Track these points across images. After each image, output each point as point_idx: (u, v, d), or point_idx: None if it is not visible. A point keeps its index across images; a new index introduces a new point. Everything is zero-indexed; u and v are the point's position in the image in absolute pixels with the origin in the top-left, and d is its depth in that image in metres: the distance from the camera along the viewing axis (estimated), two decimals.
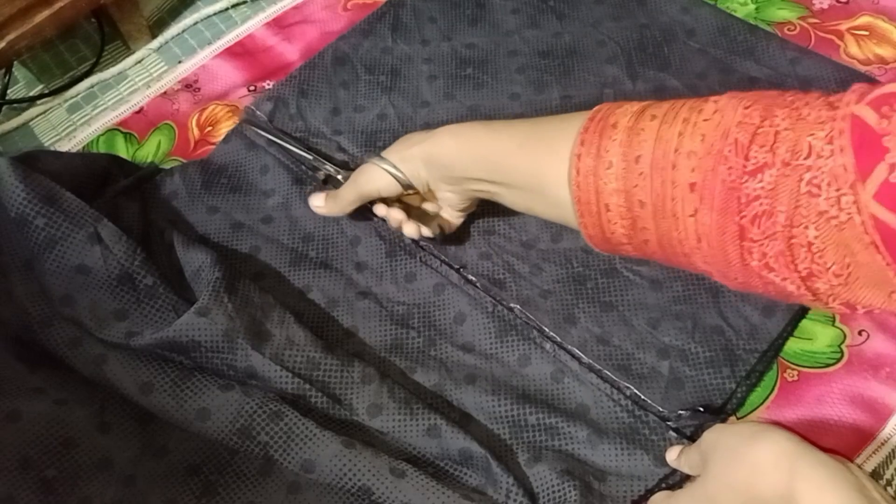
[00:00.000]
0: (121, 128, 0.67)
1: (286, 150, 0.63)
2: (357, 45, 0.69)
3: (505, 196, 0.50)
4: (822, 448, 0.43)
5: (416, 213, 0.55)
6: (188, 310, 0.50)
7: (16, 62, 0.70)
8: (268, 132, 0.64)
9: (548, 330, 0.53)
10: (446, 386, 0.52)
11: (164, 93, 0.69)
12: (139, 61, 0.73)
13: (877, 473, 0.48)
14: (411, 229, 0.53)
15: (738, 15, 0.68)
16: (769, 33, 0.66)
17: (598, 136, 0.43)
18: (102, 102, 0.70)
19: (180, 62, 0.72)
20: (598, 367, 0.51)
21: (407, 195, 0.55)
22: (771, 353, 0.52)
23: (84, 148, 0.66)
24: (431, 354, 0.53)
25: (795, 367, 0.52)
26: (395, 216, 0.54)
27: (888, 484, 0.48)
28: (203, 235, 0.59)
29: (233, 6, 0.76)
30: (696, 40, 0.66)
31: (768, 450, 0.41)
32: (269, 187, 0.61)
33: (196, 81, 0.70)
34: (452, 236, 0.57)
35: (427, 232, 0.54)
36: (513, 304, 0.54)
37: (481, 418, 0.51)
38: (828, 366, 0.52)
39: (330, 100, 0.66)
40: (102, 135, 0.67)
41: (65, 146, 0.66)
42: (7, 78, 0.70)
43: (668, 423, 0.49)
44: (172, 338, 0.50)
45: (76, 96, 0.71)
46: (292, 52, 0.71)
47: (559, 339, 0.53)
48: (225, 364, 0.50)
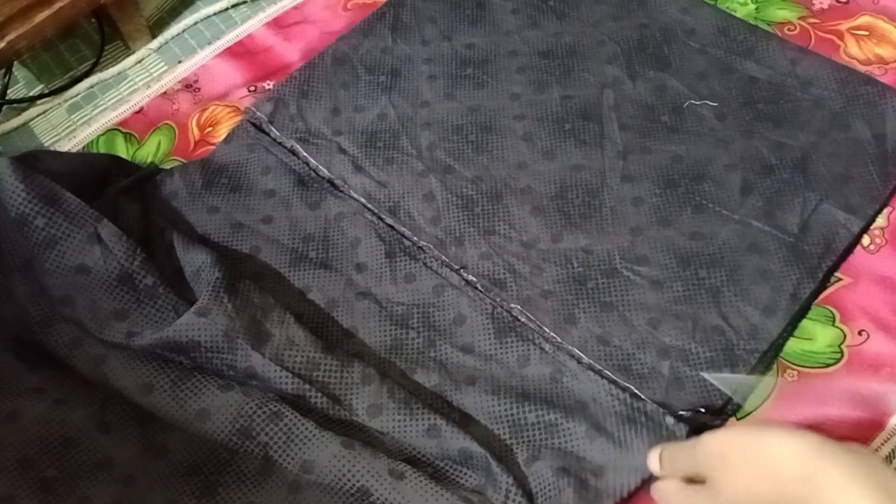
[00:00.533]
0: (121, 128, 0.67)
1: (287, 150, 0.63)
2: (357, 46, 0.69)
3: None
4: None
5: None
6: (188, 310, 0.50)
7: (16, 62, 0.70)
8: (268, 133, 0.64)
9: (548, 330, 0.53)
10: (446, 387, 0.52)
11: (164, 93, 0.69)
12: (139, 61, 0.73)
13: None
14: None
15: (738, 15, 0.68)
16: (769, 33, 0.66)
17: None
18: (102, 102, 0.70)
19: (180, 62, 0.72)
20: (599, 367, 0.51)
21: None
22: (771, 353, 0.52)
23: (84, 148, 0.66)
24: (431, 356, 0.53)
25: (795, 367, 0.52)
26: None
27: None
28: (203, 235, 0.59)
29: (233, 6, 0.76)
30: (696, 40, 0.66)
31: (786, 457, 0.39)
32: (270, 187, 0.61)
33: (196, 81, 0.70)
34: (453, 237, 0.57)
35: None
36: (513, 305, 0.54)
37: (481, 418, 0.51)
38: (828, 366, 0.52)
39: (330, 100, 0.66)
40: (102, 135, 0.67)
41: (65, 146, 0.66)
42: (7, 78, 0.70)
43: (664, 409, 0.49)
44: (172, 338, 0.50)
45: (76, 96, 0.71)
46: (292, 52, 0.71)
47: (559, 339, 0.53)
48: (225, 364, 0.50)
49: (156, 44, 0.74)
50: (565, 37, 0.68)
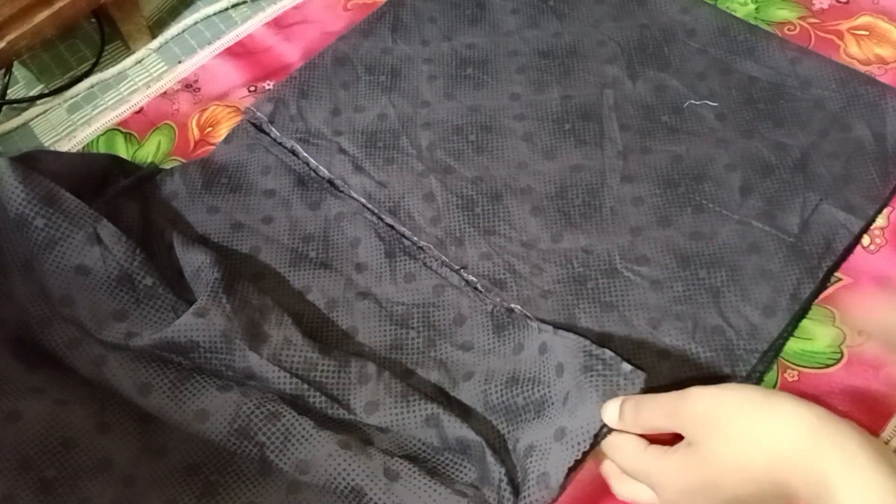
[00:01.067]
0: (121, 128, 0.67)
1: (287, 150, 0.63)
2: (357, 46, 0.69)
3: None
4: None
5: None
6: (187, 310, 0.50)
7: (16, 62, 0.70)
8: (269, 133, 0.64)
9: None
10: (445, 383, 0.52)
11: (164, 93, 0.69)
12: (139, 61, 0.73)
13: None
14: None
15: (738, 15, 0.68)
16: (769, 33, 0.66)
17: None
18: (102, 102, 0.70)
19: (180, 62, 0.72)
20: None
21: None
22: (771, 353, 0.52)
23: (84, 148, 0.66)
24: (431, 355, 0.53)
25: (795, 367, 0.52)
26: None
27: None
28: (203, 235, 0.59)
29: (233, 6, 0.76)
30: (696, 40, 0.66)
31: (790, 426, 0.35)
32: (270, 187, 0.62)
33: (196, 81, 0.70)
34: (453, 237, 0.57)
35: None
36: (514, 305, 0.54)
37: (478, 408, 0.51)
38: (828, 366, 0.52)
39: (330, 100, 0.66)
40: (102, 135, 0.67)
41: (65, 146, 0.66)
42: (7, 78, 0.70)
43: (620, 357, 0.47)
44: (171, 338, 0.50)
45: (76, 96, 0.71)
46: (292, 53, 0.71)
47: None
48: (223, 365, 0.50)
49: (156, 44, 0.74)
50: (565, 37, 0.68)
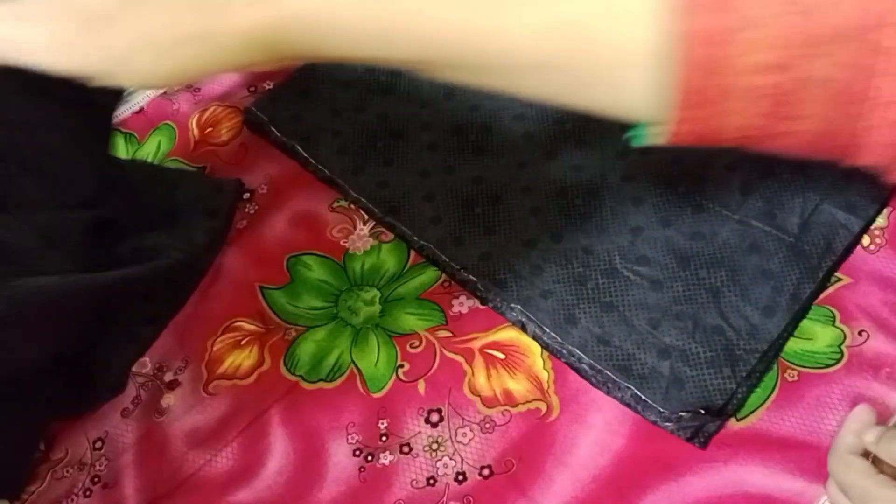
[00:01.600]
0: (121, 128, 0.67)
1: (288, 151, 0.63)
2: None
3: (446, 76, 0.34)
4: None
5: None
6: None
7: None
8: (269, 135, 0.64)
9: (548, 330, 0.53)
10: None
11: (164, 93, 0.69)
12: None
13: None
14: None
15: None
16: None
17: None
18: None
19: None
20: (599, 367, 0.52)
21: None
22: (771, 353, 0.52)
23: None
24: None
25: (796, 367, 0.52)
26: None
27: None
28: None
29: None
30: None
31: None
32: None
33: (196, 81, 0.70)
34: (453, 237, 0.57)
35: None
36: (514, 304, 0.54)
37: None
38: (828, 366, 0.52)
39: (329, 100, 0.66)
40: None
41: None
42: None
43: (667, 423, 0.50)
44: None
45: None
46: None
47: (560, 339, 0.53)
48: None
49: None
50: None
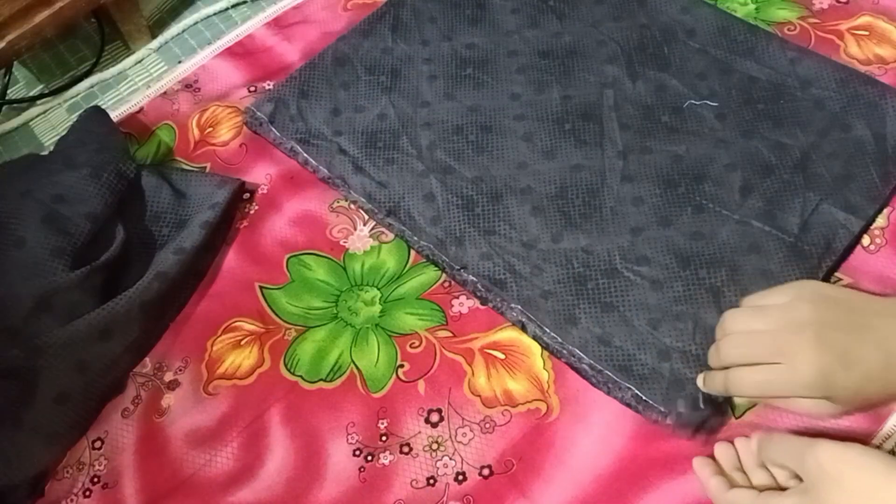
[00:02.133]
0: (121, 128, 0.67)
1: (287, 150, 0.63)
2: (357, 46, 0.69)
3: None
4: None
5: None
6: None
7: (16, 62, 0.70)
8: (268, 134, 0.64)
9: (549, 330, 0.53)
10: None
11: (164, 93, 0.69)
12: (139, 61, 0.73)
13: None
14: None
15: (738, 15, 0.68)
16: (769, 33, 0.66)
17: None
18: (102, 102, 0.70)
19: (180, 62, 0.72)
20: (600, 367, 0.52)
21: None
22: None
23: None
24: None
25: None
26: None
27: None
28: None
29: (233, 6, 0.76)
30: (696, 40, 0.66)
31: None
32: None
33: (196, 81, 0.70)
34: (453, 237, 0.58)
35: None
36: (514, 305, 0.54)
37: None
38: None
39: (330, 100, 0.66)
40: None
41: None
42: (7, 78, 0.70)
43: (668, 421, 0.49)
44: None
45: (76, 96, 0.71)
46: (292, 52, 0.71)
47: (560, 339, 0.53)
48: None
49: (156, 44, 0.74)
50: (565, 37, 0.68)
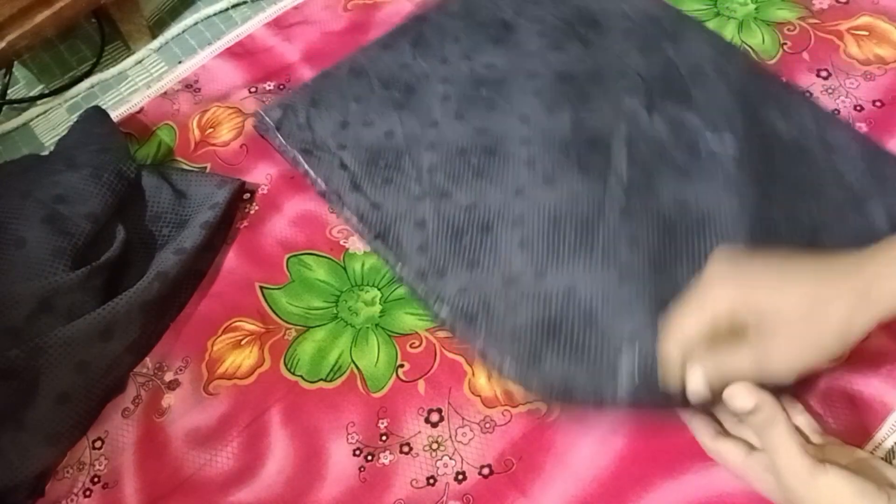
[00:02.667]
0: (121, 128, 0.67)
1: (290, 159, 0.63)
2: (376, 59, 0.67)
3: None
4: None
5: None
6: None
7: (16, 62, 0.70)
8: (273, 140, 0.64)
9: (514, 372, 0.51)
10: None
11: (165, 93, 0.69)
12: (139, 61, 0.73)
13: None
14: None
15: (738, 15, 0.69)
16: (803, 94, 0.63)
17: None
18: (103, 102, 0.70)
19: (180, 62, 0.72)
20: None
21: None
22: None
23: None
24: None
25: None
26: None
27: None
28: None
29: (233, 6, 0.76)
30: (727, 82, 0.62)
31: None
32: None
33: (196, 82, 0.70)
34: (436, 268, 0.56)
35: None
36: (481, 343, 0.52)
37: None
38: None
39: (340, 112, 0.64)
40: None
41: None
42: (7, 78, 0.70)
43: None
44: None
45: (76, 96, 0.71)
46: (292, 53, 0.71)
47: (524, 383, 0.51)
48: None
49: (156, 44, 0.74)
50: (587, 62, 0.64)
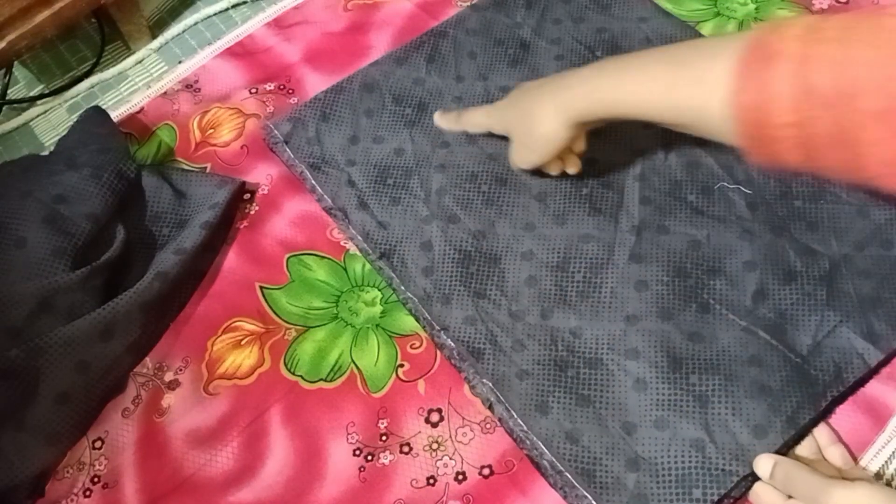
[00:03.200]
0: (121, 128, 0.67)
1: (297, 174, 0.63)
2: (389, 73, 0.66)
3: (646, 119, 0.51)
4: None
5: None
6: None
7: (16, 62, 0.70)
8: (281, 154, 0.64)
9: (515, 415, 0.50)
10: None
11: (165, 93, 0.69)
12: (139, 61, 0.73)
13: (879, 474, 0.48)
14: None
15: (738, 15, 0.68)
16: None
17: (760, 68, 0.41)
18: (103, 102, 0.70)
19: (180, 62, 0.72)
20: (560, 468, 0.48)
21: None
22: (751, 478, 0.47)
23: None
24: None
25: None
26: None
27: (888, 484, 0.48)
28: None
29: (233, 6, 0.76)
30: None
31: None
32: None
33: (196, 82, 0.70)
34: (441, 293, 0.55)
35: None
36: (485, 381, 0.52)
37: None
38: None
39: (350, 127, 0.64)
40: None
41: None
42: (7, 78, 0.70)
43: None
44: None
45: (76, 96, 0.71)
46: (292, 53, 0.71)
47: (525, 427, 0.50)
48: None
49: (156, 44, 0.73)
50: None
